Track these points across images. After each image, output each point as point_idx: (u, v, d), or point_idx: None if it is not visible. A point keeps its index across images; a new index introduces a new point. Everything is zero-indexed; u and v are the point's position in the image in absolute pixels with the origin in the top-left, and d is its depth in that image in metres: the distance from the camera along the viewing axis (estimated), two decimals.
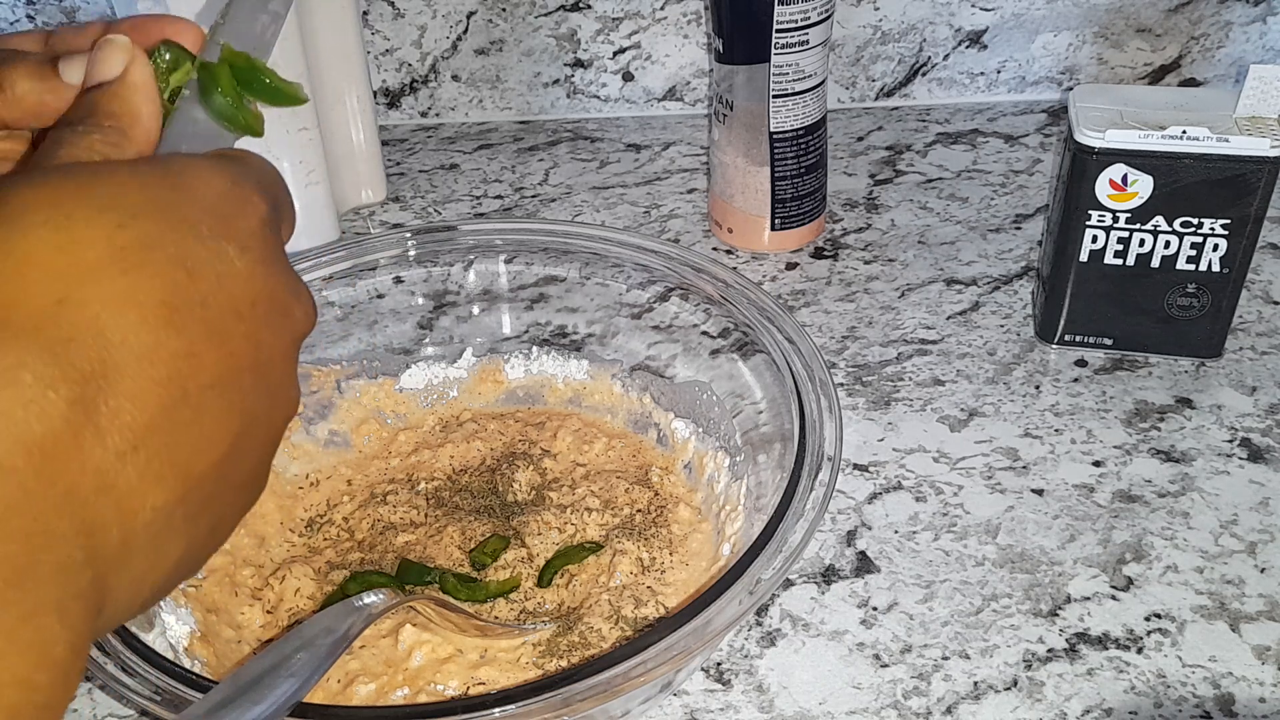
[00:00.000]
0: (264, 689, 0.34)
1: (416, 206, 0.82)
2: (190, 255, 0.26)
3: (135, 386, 0.24)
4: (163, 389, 0.25)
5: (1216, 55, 0.87)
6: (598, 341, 0.62)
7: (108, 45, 0.31)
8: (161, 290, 0.25)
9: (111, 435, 0.23)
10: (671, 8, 0.87)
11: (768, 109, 0.68)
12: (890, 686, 0.46)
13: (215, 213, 0.27)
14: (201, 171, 0.28)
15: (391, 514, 0.55)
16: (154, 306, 0.24)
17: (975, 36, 0.87)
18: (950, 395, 0.61)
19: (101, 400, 0.23)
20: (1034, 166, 0.82)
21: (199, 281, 0.26)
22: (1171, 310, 0.61)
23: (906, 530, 0.54)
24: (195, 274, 0.26)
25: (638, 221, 0.78)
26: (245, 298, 0.27)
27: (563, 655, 0.47)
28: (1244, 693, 0.45)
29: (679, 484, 0.56)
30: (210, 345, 0.26)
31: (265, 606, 0.50)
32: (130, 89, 0.30)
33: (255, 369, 0.27)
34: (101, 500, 0.23)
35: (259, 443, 0.29)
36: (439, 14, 0.88)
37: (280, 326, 0.29)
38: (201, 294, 0.26)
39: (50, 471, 0.22)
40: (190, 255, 0.26)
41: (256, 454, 0.29)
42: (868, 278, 0.71)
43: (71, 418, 0.23)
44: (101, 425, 0.23)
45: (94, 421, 0.23)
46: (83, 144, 0.28)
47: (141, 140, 0.30)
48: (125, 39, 0.31)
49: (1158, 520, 0.53)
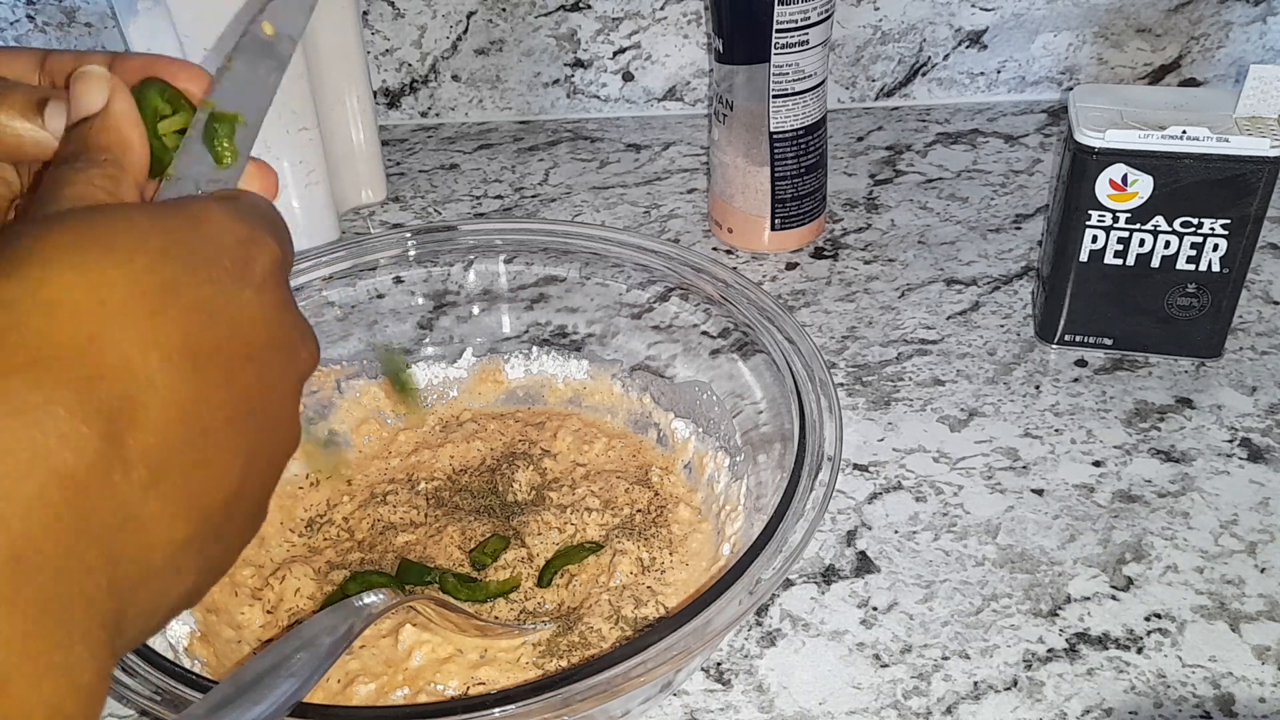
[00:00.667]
0: (264, 689, 0.34)
1: (416, 206, 0.82)
2: (210, 299, 0.27)
3: (158, 423, 0.25)
4: (182, 427, 0.25)
5: (1216, 55, 0.87)
6: (598, 341, 0.62)
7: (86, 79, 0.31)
8: (184, 333, 0.26)
9: (136, 469, 0.24)
10: (671, 8, 0.87)
11: (768, 109, 0.68)
12: (890, 686, 0.46)
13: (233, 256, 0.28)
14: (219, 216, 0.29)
15: (391, 514, 0.55)
16: (176, 348, 0.25)
17: (975, 36, 0.87)
18: (950, 395, 0.61)
19: (129, 436, 0.24)
20: (1034, 166, 0.82)
21: (217, 324, 0.27)
22: (1171, 310, 0.61)
23: (906, 530, 0.54)
24: (214, 317, 0.27)
25: (638, 221, 0.78)
26: (257, 341, 0.28)
27: (563, 655, 0.47)
28: (1244, 693, 0.45)
29: (679, 484, 0.56)
30: (224, 386, 0.27)
31: (265, 606, 0.50)
32: (117, 119, 0.31)
33: (263, 409, 0.28)
34: (125, 532, 0.24)
35: (263, 478, 0.30)
36: (439, 14, 0.88)
37: (287, 367, 0.30)
38: (219, 337, 0.27)
39: (81, 504, 0.23)
40: (210, 299, 0.27)
41: (260, 489, 0.30)
42: (868, 278, 0.71)
43: (103, 451, 0.23)
44: (128, 459, 0.24)
45: (122, 456, 0.24)
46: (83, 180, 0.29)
47: (137, 167, 0.31)
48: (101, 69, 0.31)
49: (1158, 520, 0.53)
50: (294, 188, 0.71)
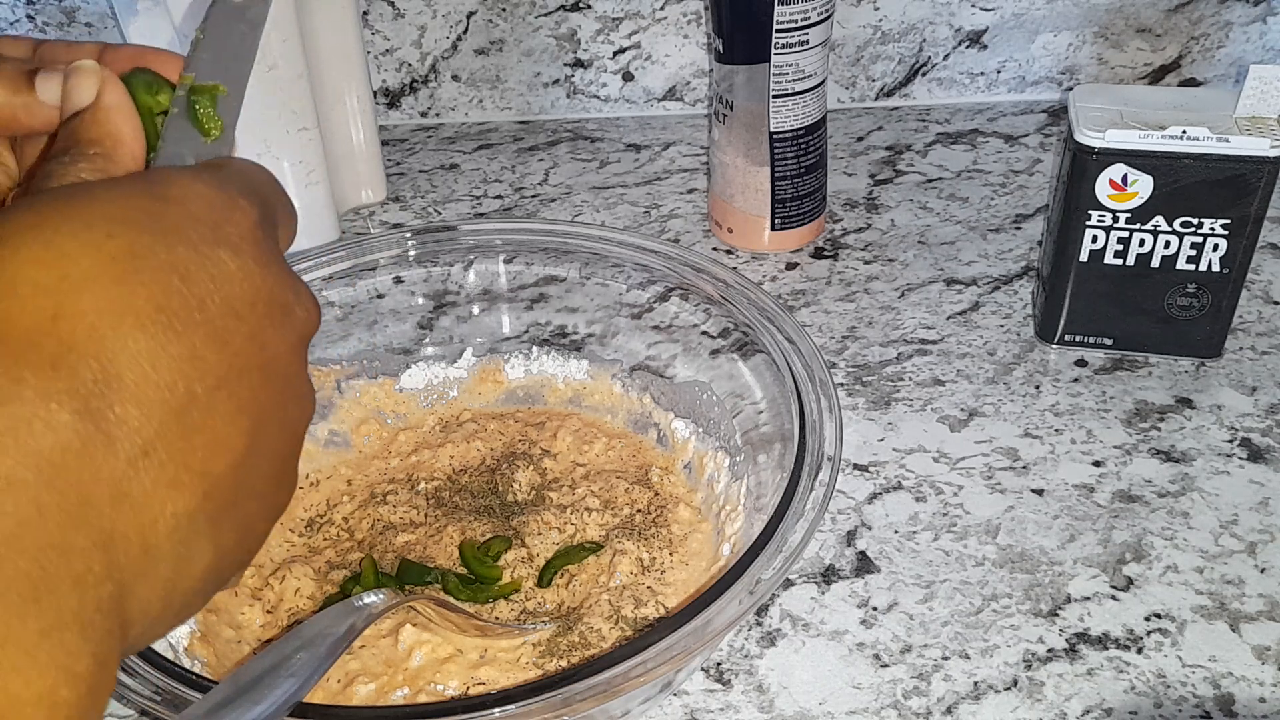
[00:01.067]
0: (264, 689, 0.34)
1: (416, 206, 0.82)
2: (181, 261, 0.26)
3: (140, 392, 0.24)
4: (168, 393, 0.25)
5: (1216, 55, 0.87)
6: (598, 341, 0.62)
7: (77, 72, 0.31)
8: (156, 296, 0.25)
9: (121, 442, 0.23)
10: (671, 8, 0.87)
11: (768, 109, 0.68)
12: (890, 686, 0.46)
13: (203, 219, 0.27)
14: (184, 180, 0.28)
15: (391, 514, 0.55)
16: (150, 313, 0.25)
17: (975, 36, 0.87)
18: (950, 395, 0.61)
19: (107, 408, 0.23)
20: (1034, 166, 0.82)
21: (193, 286, 0.26)
22: (1171, 310, 0.61)
23: (906, 530, 0.54)
24: (188, 279, 0.26)
25: (638, 221, 0.78)
26: (243, 299, 0.27)
27: (563, 655, 0.47)
28: (1244, 693, 0.45)
29: (679, 484, 0.56)
30: (212, 347, 0.26)
31: (265, 606, 0.50)
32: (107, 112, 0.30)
33: (261, 368, 0.27)
34: (118, 509, 0.23)
35: (276, 442, 0.29)
36: (439, 14, 0.88)
37: (283, 325, 0.29)
38: (198, 298, 0.26)
39: (62, 484, 0.22)
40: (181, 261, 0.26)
41: (276, 454, 0.29)
42: (868, 278, 0.71)
43: (79, 428, 0.23)
44: (110, 433, 0.23)
45: (102, 430, 0.23)
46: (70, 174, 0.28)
47: (128, 161, 0.30)
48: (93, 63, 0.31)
49: (1158, 520, 0.53)
50: (294, 188, 0.71)
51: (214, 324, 0.26)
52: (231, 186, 0.29)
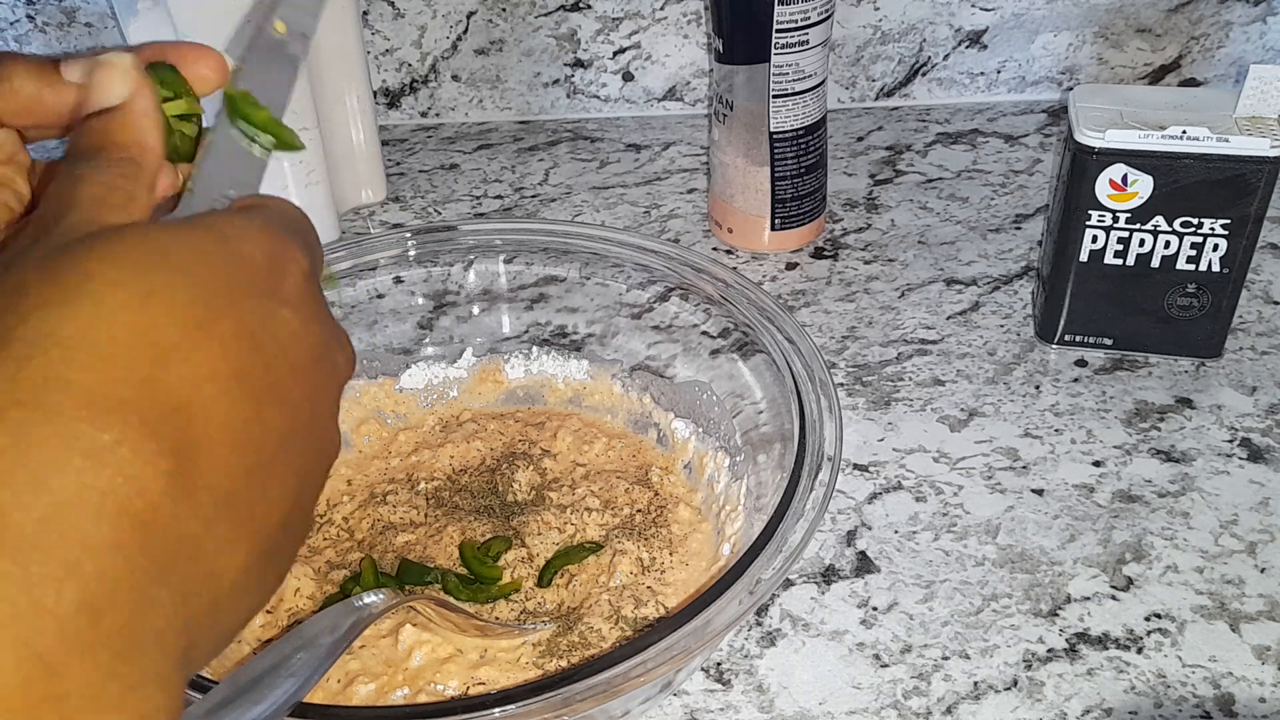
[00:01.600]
0: (264, 689, 0.34)
1: (416, 206, 0.82)
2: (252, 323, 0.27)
3: (217, 455, 0.25)
4: (241, 455, 0.25)
5: (1216, 55, 0.87)
6: (598, 341, 0.62)
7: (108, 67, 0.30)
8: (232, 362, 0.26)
9: (202, 504, 0.24)
10: (671, 8, 0.87)
11: (768, 109, 0.68)
12: (890, 686, 0.46)
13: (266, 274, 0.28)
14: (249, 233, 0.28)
15: (391, 514, 0.55)
16: (227, 378, 0.25)
17: (975, 36, 0.87)
18: (950, 395, 0.61)
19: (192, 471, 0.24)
20: (1034, 166, 0.82)
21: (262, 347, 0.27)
22: (1171, 310, 0.61)
23: (906, 530, 0.54)
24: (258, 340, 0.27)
25: (638, 221, 0.78)
26: (300, 357, 0.28)
27: (563, 655, 0.47)
28: (1244, 693, 0.45)
29: (679, 484, 0.56)
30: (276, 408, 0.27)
31: (265, 606, 0.50)
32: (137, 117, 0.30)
33: (310, 424, 0.28)
34: (193, 567, 0.24)
35: (314, 491, 0.30)
36: (439, 14, 0.88)
37: (330, 377, 0.29)
38: (264, 361, 0.27)
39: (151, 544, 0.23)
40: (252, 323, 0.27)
41: (311, 502, 0.30)
42: (868, 278, 0.71)
43: (168, 489, 0.23)
44: (194, 495, 0.24)
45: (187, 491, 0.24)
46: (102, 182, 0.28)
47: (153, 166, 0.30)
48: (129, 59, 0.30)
49: (1158, 520, 0.53)
50: (294, 187, 0.71)
51: (278, 385, 0.27)
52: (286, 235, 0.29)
